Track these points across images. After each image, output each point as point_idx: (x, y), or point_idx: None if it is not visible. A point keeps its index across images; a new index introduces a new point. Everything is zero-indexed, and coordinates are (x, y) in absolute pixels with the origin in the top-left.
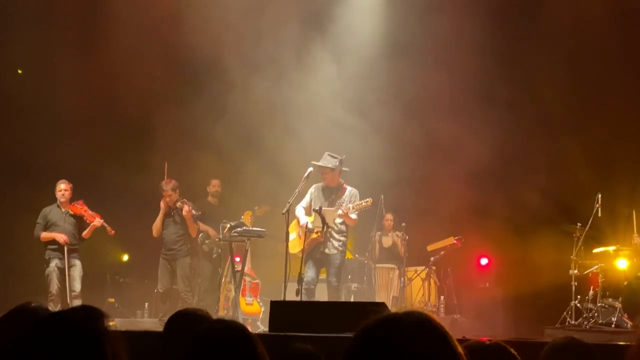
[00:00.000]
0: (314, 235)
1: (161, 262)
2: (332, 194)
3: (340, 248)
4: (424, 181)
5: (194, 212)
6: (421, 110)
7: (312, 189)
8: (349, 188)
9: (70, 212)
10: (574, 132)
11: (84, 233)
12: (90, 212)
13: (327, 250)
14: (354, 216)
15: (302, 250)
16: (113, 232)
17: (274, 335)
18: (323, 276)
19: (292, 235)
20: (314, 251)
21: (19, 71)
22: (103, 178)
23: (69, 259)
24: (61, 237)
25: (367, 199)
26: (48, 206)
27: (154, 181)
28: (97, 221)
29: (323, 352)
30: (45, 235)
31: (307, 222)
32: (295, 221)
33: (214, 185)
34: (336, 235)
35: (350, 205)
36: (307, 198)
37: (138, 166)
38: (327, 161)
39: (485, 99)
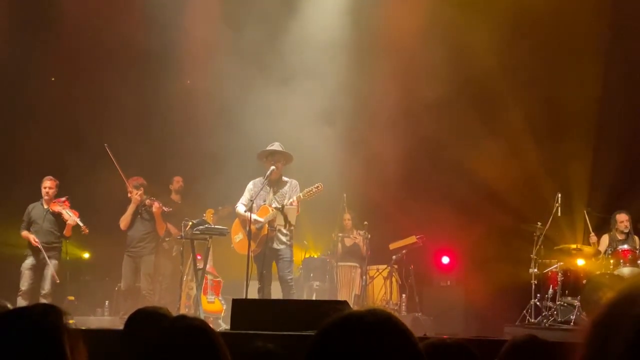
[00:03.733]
0: (264, 233)
1: (125, 259)
2: (273, 187)
3: (289, 242)
4: (386, 180)
5: (164, 209)
6: (383, 107)
7: (250, 185)
8: (289, 180)
9: (51, 210)
10: (535, 134)
11: (65, 231)
12: (67, 210)
13: (275, 245)
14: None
15: (253, 250)
16: (87, 230)
17: (236, 334)
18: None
19: (239, 236)
20: (263, 249)
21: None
22: (65, 175)
23: (44, 258)
24: (31, 238)
25: (317, 184)
26: (33, 203)
27: (115, 179)
28: (72, 219)
29: (285, 351)
30: (24, 234)
31: (257, 219)
32: (237, 221)
33: (177, 181)
34: (283, 230)
35: (301, 194)
36: (246, 195)
37: (97, 163)
38: (280, 147)
39: (447, 97)
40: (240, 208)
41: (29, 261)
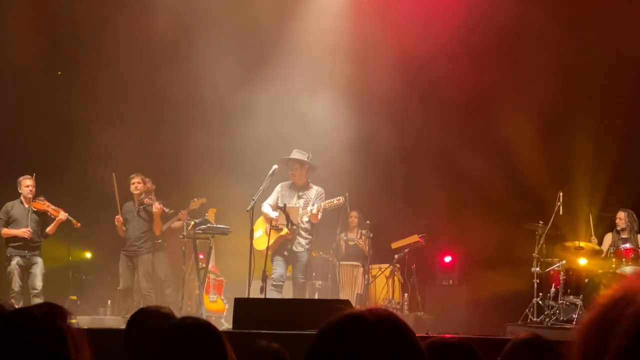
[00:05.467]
0: (284, 232)
1: (122, 258)
2: (299, 191)
3: (307, 246)
4: (389, 179)
5: (165, 210)
6: (388, 108)
7: (278, 187)
8: (315, 187)
9: (34, 208)
10: (537, 132)
11: (49, 229)
12: (52, 207)
13: (294, 248)
14: (319, 215)
15: (268, 248)
16: (79, 224)
17: (238, 333)
18: (289, 273)
19: (259, 233)
20: (281, 248)
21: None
22: (64, 175)
23: (30, 257)
24: (24, 232)
25: (339, 197)
26: (10, 202)
27: (120, 178)
28: (62, 214)
29: (287, 350)
30: (6, 231)
31: (277, 218)
32: (261, 218)
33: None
34: (303, 234)
35: (322, 203)
36: (274, 196)
37: (98, 162)
38: (296, 155)
39: (453, 100)
40: (265, 207)
41: (15, 262)
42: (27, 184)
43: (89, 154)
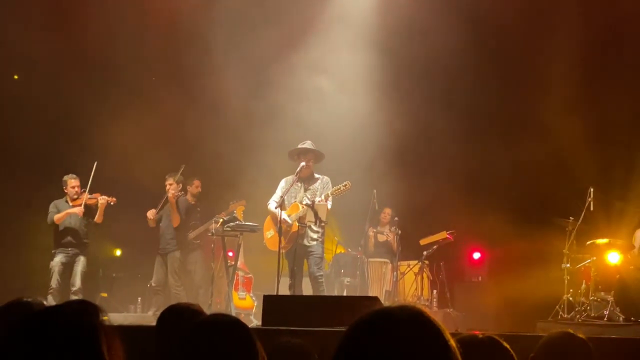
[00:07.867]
0: (294, 228)
1: (157, 257)
2: (304, 183)
3: (319, 239)
4: (417, 176)
5: (178, 193)
6: (415, 103)
7: (282, 183)
8: (320, 176)
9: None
10: (566, 125)
11: (97, 218)
12: (88, 196)
13: (305, 242)
14: (329, 204)
15: (283, 247)
16: (114, 199)
17: (267, 330)
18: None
19: (270, 233)
20: (293, 245)
21: (15, 77)
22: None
23: (74, 255)
24: (75, 210)
25: (345, 182)
26: (57, 200)
27: (150, 176)
28: (101, 199)
29: (316, 347)
30: (59, 216)
31: (285, 218)
32: (269, 218)
33: (197, 186)
34: (314, 227)
35: (329, 192)
36: (278, 192)
37: (132, 160)
38: (312, 145)
39: (479, 97)
40: (272, 205)
41: (59, 259)
42: (72, 185)
43: (119, 153)
